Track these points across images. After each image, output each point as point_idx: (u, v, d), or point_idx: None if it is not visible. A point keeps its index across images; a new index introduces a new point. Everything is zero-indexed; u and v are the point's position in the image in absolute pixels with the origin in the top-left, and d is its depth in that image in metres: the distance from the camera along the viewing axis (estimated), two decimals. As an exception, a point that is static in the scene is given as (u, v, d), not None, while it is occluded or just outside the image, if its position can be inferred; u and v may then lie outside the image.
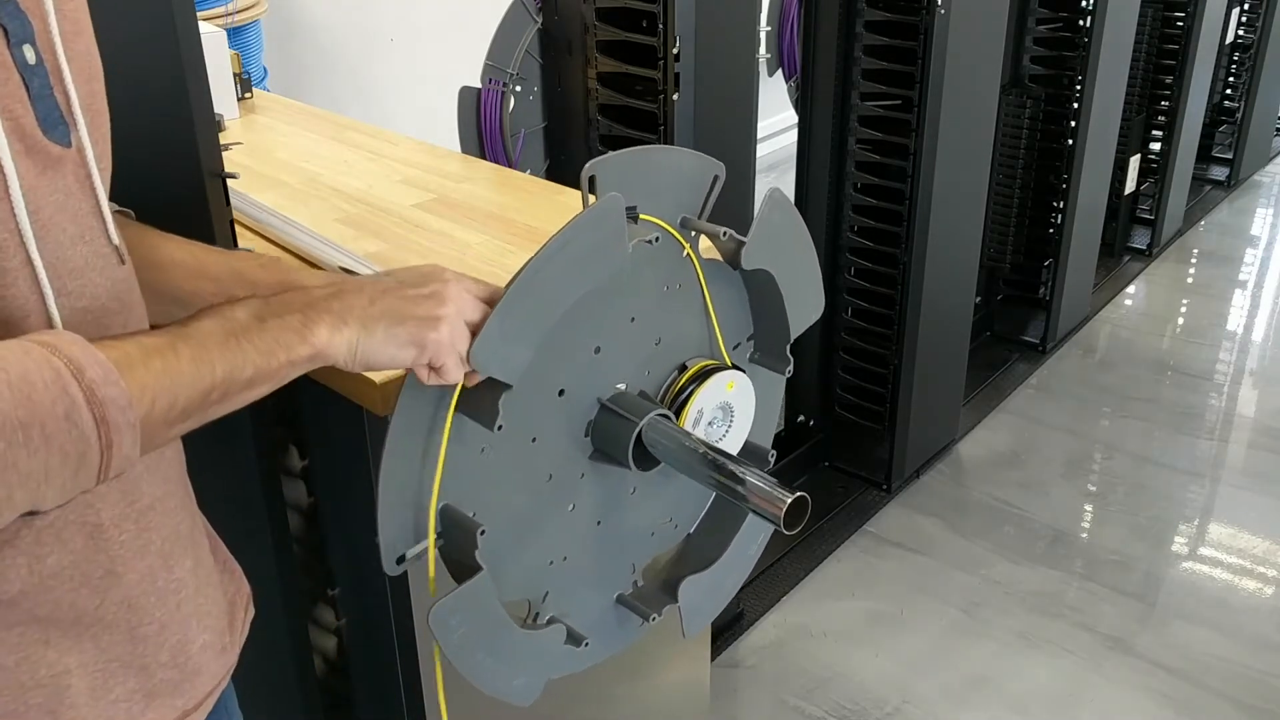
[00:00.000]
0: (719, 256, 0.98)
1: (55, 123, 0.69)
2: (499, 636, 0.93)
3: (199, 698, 0.84)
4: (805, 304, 1.05)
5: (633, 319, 0.94)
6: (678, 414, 0.97)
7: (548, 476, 0.95)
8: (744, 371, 1.01)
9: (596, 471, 0.97)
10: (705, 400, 0.97)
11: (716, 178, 0.94)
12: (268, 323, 0.73)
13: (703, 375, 0.98)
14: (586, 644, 1.01)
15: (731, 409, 1.01)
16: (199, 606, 0.84)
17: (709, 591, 1.09)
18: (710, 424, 1.00)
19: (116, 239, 0.75)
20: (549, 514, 0.96)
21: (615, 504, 1.01)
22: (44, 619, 0.71)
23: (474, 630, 0.91)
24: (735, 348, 1.04)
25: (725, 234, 0.94)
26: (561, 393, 0.92)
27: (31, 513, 0.62)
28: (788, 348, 1.04)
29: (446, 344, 0.80)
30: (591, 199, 0.86)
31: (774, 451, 1.09)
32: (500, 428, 0.86)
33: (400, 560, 0.88)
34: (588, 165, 0.86)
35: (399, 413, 0.84)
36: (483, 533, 0.88)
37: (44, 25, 0.69)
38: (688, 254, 0.96)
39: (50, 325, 0.68)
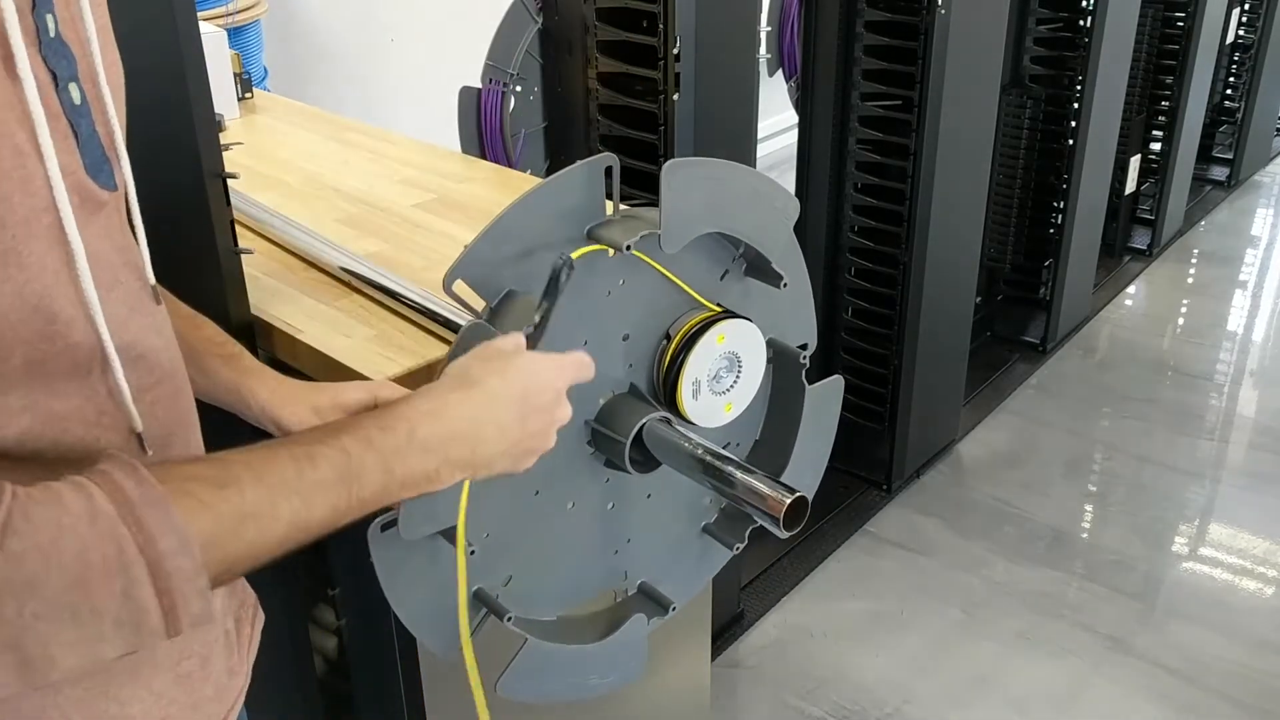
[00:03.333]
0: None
1: (100, 165, 0.66)
2: (576, 665, 0.94)
3: None
4: (771, 219, 0.98)
5: (585, 342, 0.90)
6: (673, 392, 0.94)
7: (569, 505, 0.94)
8: (731, 314, 0.96)
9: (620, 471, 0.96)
10: (696, 368, 0.94)
11: (610, 169, 0.89)
12: (395, 474, 0.68)
13: (686, 345, 0.94)
14: (673, 608, 1.00)
15: (735, 354, 0.97)
16: (226, 631, 0.84)
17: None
18: (715, 379, 0.96)
19: (153, 279, 0.73)
20: (587, 526, 0.95)
21: (659, 476, 0.99)
22: (106, 668, 0.70)
23: (546, 676, 0.92)
24: (724, 276, 0.99)
25: (628, 247, 0.88)
26: None
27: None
28: (772, 264, 0.99)
29: (527, 464, 0.79)
30: (476, 302, 0.84)
31: (808, 350, 1.04)
32: (474, 552, 0.85)
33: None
34: (446, 275, 0.82)
35: (384, 565, 0.84)
36: (510, 619, 0.89)
37: (85, 51, 0.66)
38: (613, 254, 0.91)
39: (111, 375, 0.66)
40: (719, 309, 0.96)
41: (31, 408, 0.61)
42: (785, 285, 1.00)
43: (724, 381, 0.97)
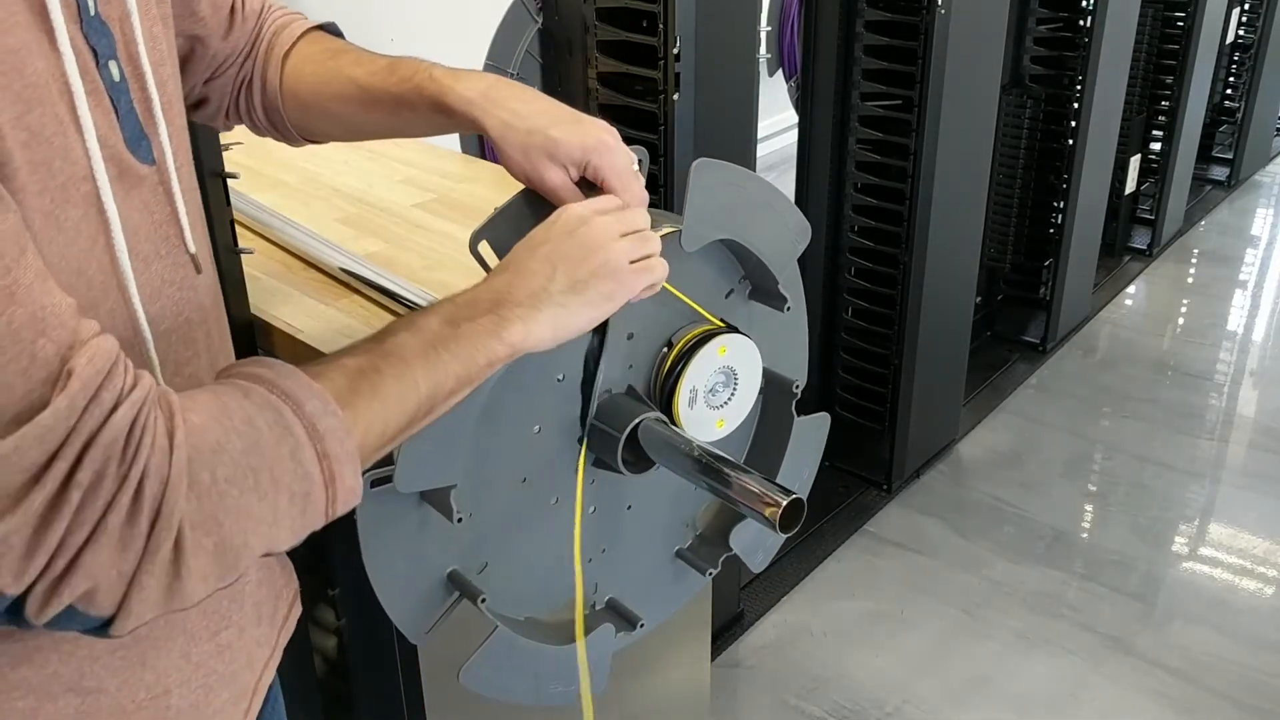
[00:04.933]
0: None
1: (139, 139, 0.68)
2: (540, 667, 0.93)
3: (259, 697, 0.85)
4: (783, 238, 0.99)
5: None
6: (670, 397, 0.94)
7: (553, 500, 0.93)
8: (734, 330, 0.96)
9: (607, 474, 0.95)
10: (695, 377, 0.94)
11: (641, 161, 0.89)
12: (461, 328, 0.72)
13: (688, 352, 0.94)
14: (642, 625, 0.99)
15: (734, 370, 0.96)
16: (257, 604, 0.84)
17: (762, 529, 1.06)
18: (711, 392, 0.96)
19: (194, 247, 0.74)
20: (567, 525, 0.95)
21: (641, 488, 0.98)
22: (141, 637, 0.71)
23: (510, 671, 0.91)
24: (729, 295, 0.99)
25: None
26: (539, 430, 0.90)
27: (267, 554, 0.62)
28: (779, 285, 1.00)
29: (630, 282, 0.80)
30: (494, 261, 0.84)
31: (800, 384, 1.04)
32: (460, 520, 0.85)
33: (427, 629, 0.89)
34: (473, 234, 0.83)
35: (368, 524, 0.83)
36: (483, 600, 0.89)
37: (124, 29, 0.67)
38: None
39: (143, 347, 0.67)
40: (723, 324, 0.97)
41: None
42: (789, 309, 1.00)
43: (719, 396, 0.97)
